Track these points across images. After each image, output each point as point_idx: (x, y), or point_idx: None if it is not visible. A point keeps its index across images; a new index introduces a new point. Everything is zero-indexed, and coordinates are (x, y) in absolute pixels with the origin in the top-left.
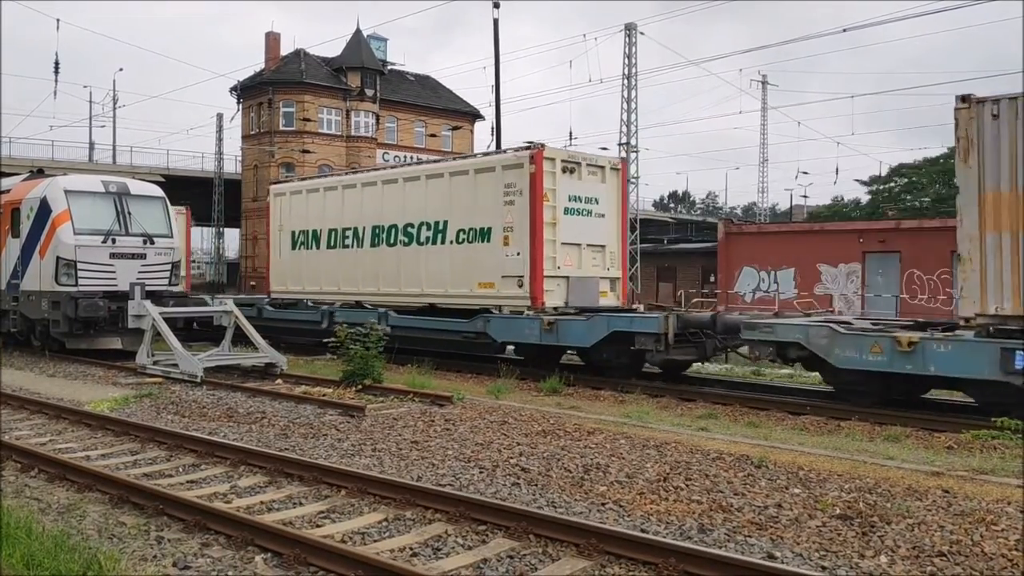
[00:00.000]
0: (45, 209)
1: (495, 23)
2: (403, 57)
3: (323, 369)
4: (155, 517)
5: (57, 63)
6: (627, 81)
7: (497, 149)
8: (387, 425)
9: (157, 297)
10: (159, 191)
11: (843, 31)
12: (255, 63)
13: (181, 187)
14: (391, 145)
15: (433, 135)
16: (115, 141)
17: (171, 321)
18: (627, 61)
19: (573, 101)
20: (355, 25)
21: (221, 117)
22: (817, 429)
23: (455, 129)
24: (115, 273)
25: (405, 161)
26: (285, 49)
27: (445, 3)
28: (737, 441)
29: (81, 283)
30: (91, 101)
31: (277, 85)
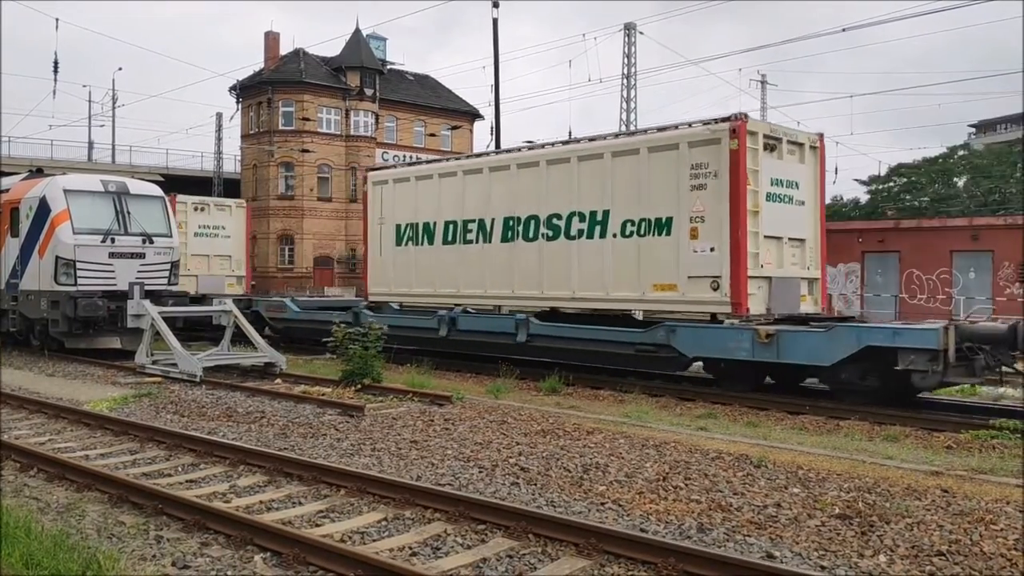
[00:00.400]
0: (44, 208)
1: (494, 23)
2: (402, 57)
3: (322, 369)
4: (154, 516)
5: (56, 62)
6: (626, 81)
7: (672, 125)
8: (386, 425)
9: (156, 296)
10: (158, 191)
11: (842, 31)
12: (254, 63)
13: (181, 187)
14: (390, 144)
15: (432, 135)
16: (114, 140)
17: (170, 321)
18: (626, 61)
19: (572, 101)
20: (354, 25)
21: (220, 117)
22: (816, 429)
23: (454, 129)
24: (114, 272)
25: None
26: (284, 49)
27: (444, 3)
28: (736, 441)
29: (80, 282)
30: (90, 100)
31: (276, 84)
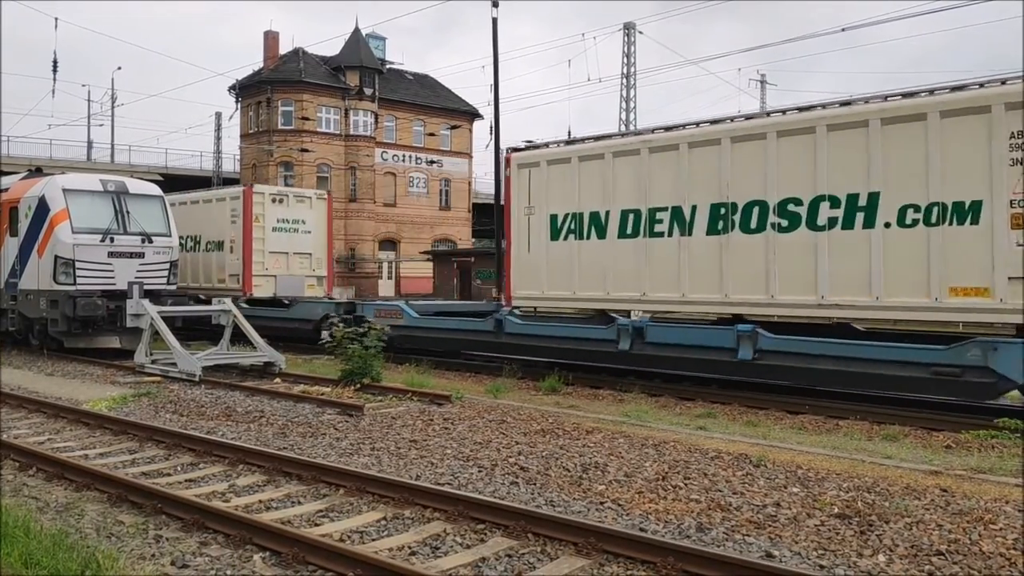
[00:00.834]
0: (43, 208)
1: (494, 22)
2: (402, 56)
3: (322, 368)
4: (153, 516)
5: (55, 62)
6: (626, 80)
7: (975, 83)
8: (386, 424)
9: (155, 296)
10: (157, 190)
11: (842, 31)
12: (254, 62)
13: (180, 186)
14: (390, 144)
15: (432, 134)
16: (113, 140)
17: (169, 320)
18: (626, 60)
19: (572, 100)
20: (354, 24)
21: (220, 116)
22: (816, 428)
23: (454, 128)
24: (113, 272)
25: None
26: (284, 48)
27: (443, 2)
28: (736, 440)
29: (79, 282)
30: (89, 100)
31: (276, 84)
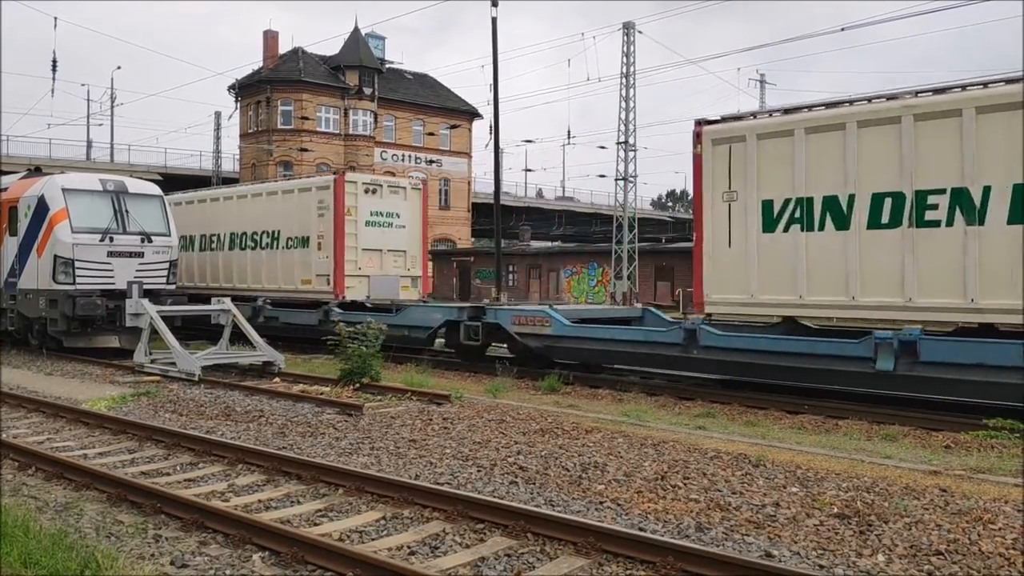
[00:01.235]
0: (43, 207)
1: (494, 22)
2: (401, 56)
3: (321, 368)
4: (153, 515)
5: (55, 61)
6: (625, 80)
7: None
8: (385, 424)
9: (155, 295)
10: (157, 190)
11: (841, 30)
12: (253, 61)
13: (179, 185)
14: (389, 143)
15: (431, 133)
16: (113, 139)
17: (168, 319)
18: (625, 60)
19: (571, 100)
20: (353, 24)
21: (219, 115)
22: (815, 428)
23: (453, 127)
24: (113, 271)
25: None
26: (283, 47)
27: (443, 2)
28: (735, 440)
29: (79, 281)
30: (89, 99)
31: (275, 83)
